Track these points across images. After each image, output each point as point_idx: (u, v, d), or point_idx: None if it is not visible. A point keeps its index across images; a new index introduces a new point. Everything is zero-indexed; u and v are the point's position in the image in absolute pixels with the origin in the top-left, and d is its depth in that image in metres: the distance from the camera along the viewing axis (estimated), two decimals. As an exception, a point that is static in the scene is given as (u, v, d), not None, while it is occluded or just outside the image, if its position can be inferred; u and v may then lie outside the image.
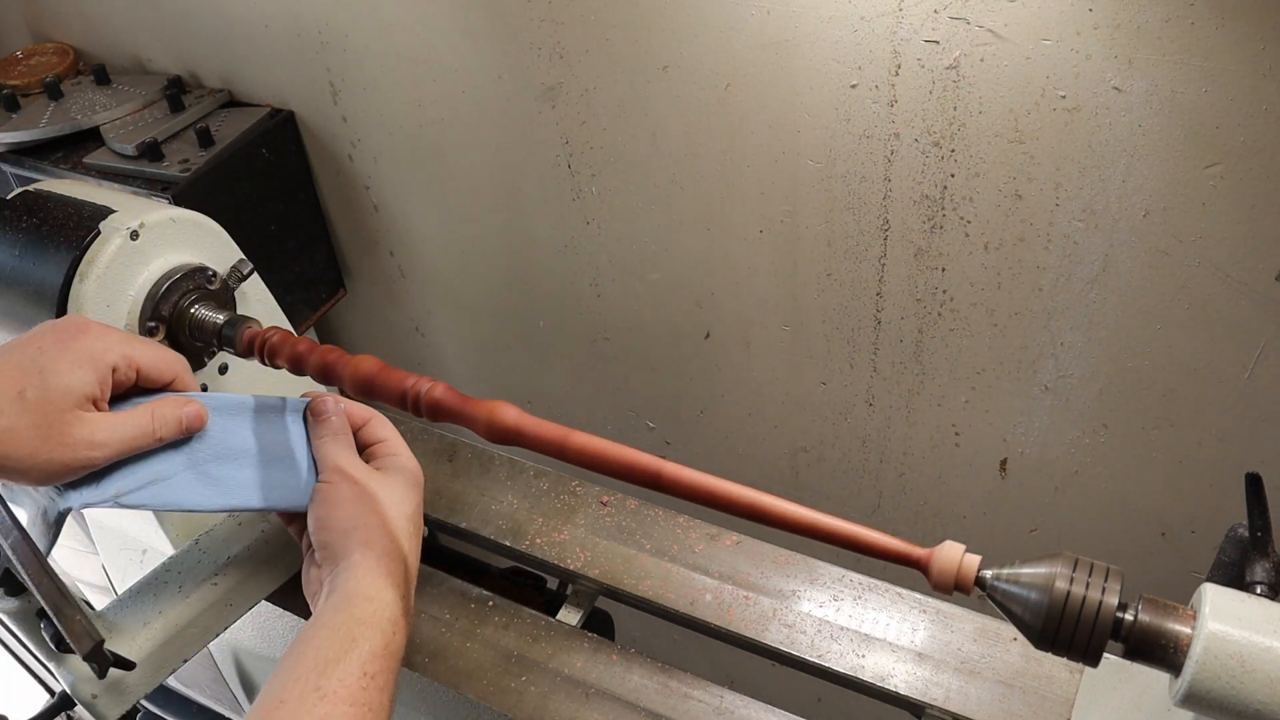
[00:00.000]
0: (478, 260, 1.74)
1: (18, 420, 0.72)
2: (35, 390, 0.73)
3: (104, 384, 0.77)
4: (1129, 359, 1.23)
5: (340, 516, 0.80)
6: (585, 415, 1.85)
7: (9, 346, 0.77)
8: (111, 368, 0.77)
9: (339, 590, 0.76)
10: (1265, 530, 0.69)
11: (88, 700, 0.87)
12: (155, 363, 0.81)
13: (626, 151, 1.42)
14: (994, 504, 1.49)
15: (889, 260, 1.31)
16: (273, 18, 1.61)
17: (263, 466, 0.85)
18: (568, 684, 0.98)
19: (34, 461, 0.73)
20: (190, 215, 0.97)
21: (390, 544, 0.80)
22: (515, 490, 1.17)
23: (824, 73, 1.19)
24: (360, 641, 0.72)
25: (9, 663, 2.27)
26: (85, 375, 0.75)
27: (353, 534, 0.79)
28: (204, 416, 0.83)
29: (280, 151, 1.72)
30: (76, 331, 0.77)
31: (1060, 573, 0.62)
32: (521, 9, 1.35)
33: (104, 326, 0.80)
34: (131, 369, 0.79)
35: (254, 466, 0.85)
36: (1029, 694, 0.92)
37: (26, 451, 0.72)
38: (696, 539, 1.09)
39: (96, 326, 0.79)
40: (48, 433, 0.73)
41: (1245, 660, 0.58)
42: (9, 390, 0.72)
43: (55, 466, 0.74)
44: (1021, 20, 1.05)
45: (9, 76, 1.81)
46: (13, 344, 0.77)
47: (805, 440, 1.60)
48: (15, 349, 0.76)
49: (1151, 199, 1.10)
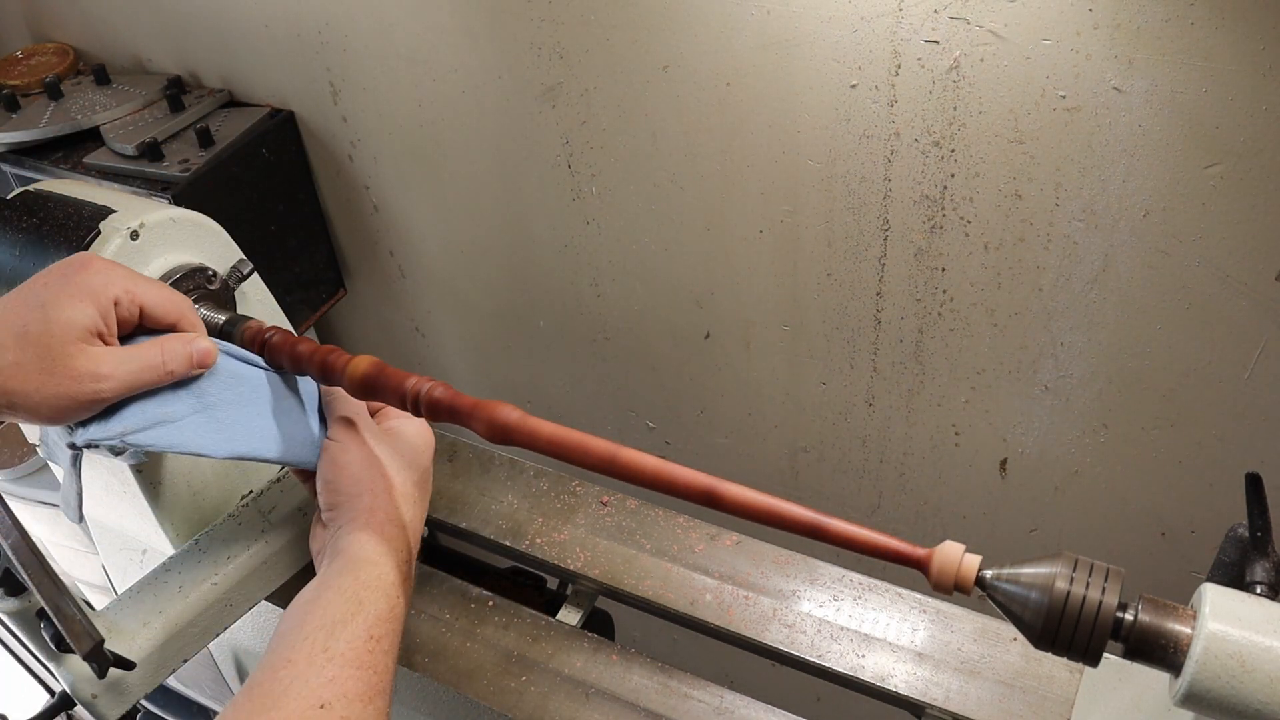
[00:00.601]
0: (478, 260, 1.74)
1: (22, 355, 0.73)
2: (37, 325, 0.73)
3: (107, 317, 0.77)
4: (1129, 359, 1.23)
5: (346, 479, 0.82)
6: (585, 415, 1.85)
7: (17, 289, 0.77)
8: (114, 300, 0.77)
9: (343, 554, 0.77)
10: (1265, 530, 0.69)
11: (88, 700, 0.87)
12: (160, 301, 0.80)
13: (626, 151, 1.42)
14: (994, 504, 1.49)
15: (889, 260, 1.31)
16: (273, 18, 1.61)
17: (275, 417, 0.85)
18: (568, 684, 0.98)
19: (41, 396, 0.73)
20: (190, 215, 0.97)
21: (393, 510, 0.81)
22: (515, 490, 1.17)
23: (824, 73, 1.19)
24: (366, 605, 0.73)
25: (9, 663, 2.27)
26: (86, 308, 0.75)
27: (357, 499, 0.80)
28: (214, 354, 0.82)
29: (280, 151, 1.72)
30: (79, 267, 0.77)
31: (1060, 573, 0.62)
32: (521, 9, 1.35)
33: (108, 262, 0.80)
34: (135, 304, 0.79)
35: (266, 416, 0.85)
36: (1029, 694, 0.92)
37: (33, 386, 0.73)
38: (696, 539, 1.09)
39: (100, 261, 0.79)
40: (52, 366, 0.73)
41: (1245, 660, 0.58)
42: (13, 327, 0.73)
43: (63, 401, 0.74)
44: (1021, 20, 1.05)
45: (9, 76, 1.81)
46: (21, 285, 0.77)
47: (805, 440, 1.60)
48: (22, 289, 0.77)
49: (1151, 199, 1.10)
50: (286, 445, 0.85)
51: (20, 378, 0.73)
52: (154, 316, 0.80)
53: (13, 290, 0.78)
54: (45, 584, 0.78)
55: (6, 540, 0.76)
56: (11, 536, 0.76)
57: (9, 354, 0.72)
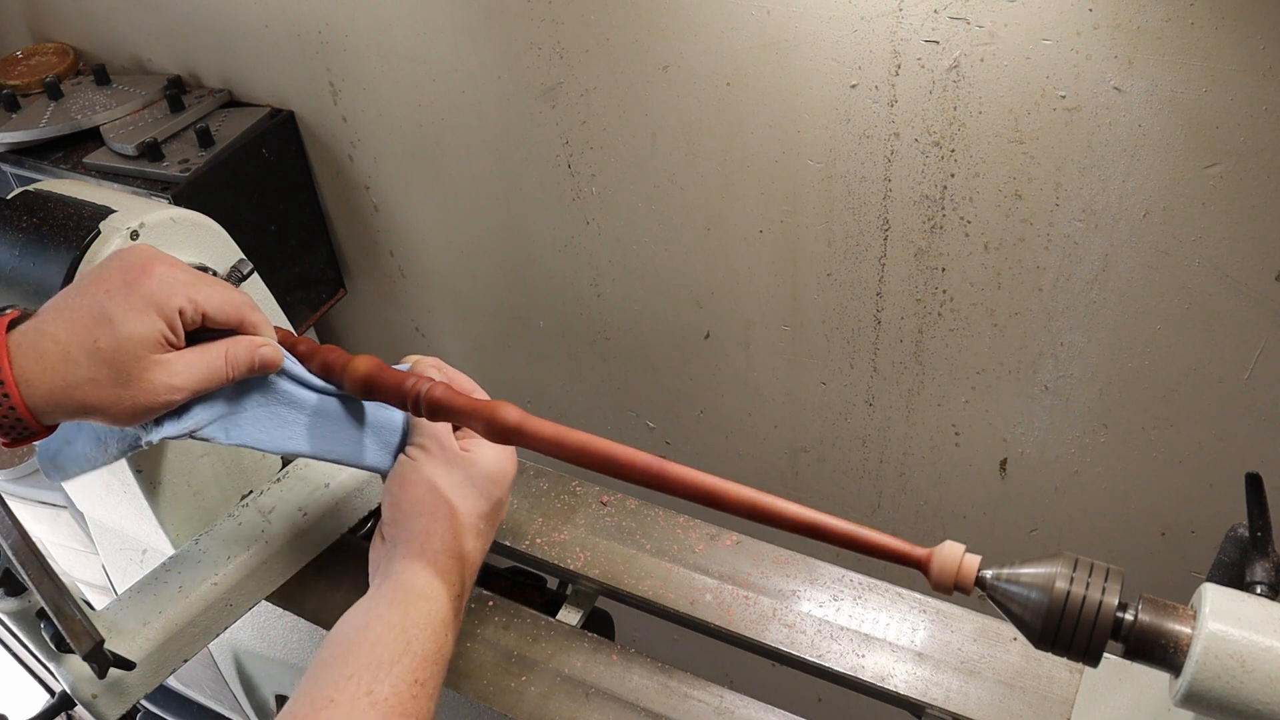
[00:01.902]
0: (478, 260, 1.74)
1: (96, 371, 0.73)
2: (108, 340, 0.74)
3: (173, 325, 0.77)
4: (1129, 359, 1.23)
5: (410, 499, 0.80)
6: (585, 415, 1.85)
7: (78, 289, 0.77)
8: (178, 310, 0.77)
9: (393, 580, 0.76)
10: (1265, 530, 0.69)
11: (88, 700, 0.87)
12: (221, 306, 0.80)
13: (626, 151, 1.42)
14: (994, 504, 1.49)
15: (889, 260, 1.31)
16: (273, 18, 1.61)
17: (337, 419, 0.85)
18: (568, 684, 0.98)
19: (120, 408, 0.74)
20: (190, 215, 0.97)
21: (452, 541, 0.80)
22: (515, 490, 1.17)
23: (824, 73, 1.19)
24: (414, 644, 0.72)
25: (9, 663, 2.27)
26: (154, 321, 0.75)
27: (416, 520, 0.79)
28: (277, 361, 0.82)
29: (280, 151, 1.72)
30: (140, 272, 0.77)
31: (1060, 573, 0.62)
32: (521, 9, 1.35)
33: (169, 265, 0.79)
34: (198, 312, 0.79)
35: (328, 418, 0.84)
36: (1029, 694, 0.92)
37: (111, 399, 0.74)
38: (696, 539, 1.09)
39: (161, 266, 0.78)
40: (127, 380, 0.74)
41: (1245, 660, 0.58)
42: (84, 342, 0.73)
43: (140, 409, 0.75)
44: (1021, 20, 1.05)
45: (9, 76, 1.81)
46: (81, 285, 0.77)
47: (805, 440, 1.60)
48: (84, 293, 0.76)
49: (1151, 199, 1.10)
50: (349, 447, 0.85)
51: (96, 393, 0.73)
52: (216, 320, 0.80)
53: (70, 288, 0.77)
54: (45, 584, 0.78)
55: (6, 540, 0.76)
56: (11, 536, 0.76)
57: (83, 369, 0.73)
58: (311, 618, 1.05)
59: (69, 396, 0.73)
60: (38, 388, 0.72)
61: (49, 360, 0.72)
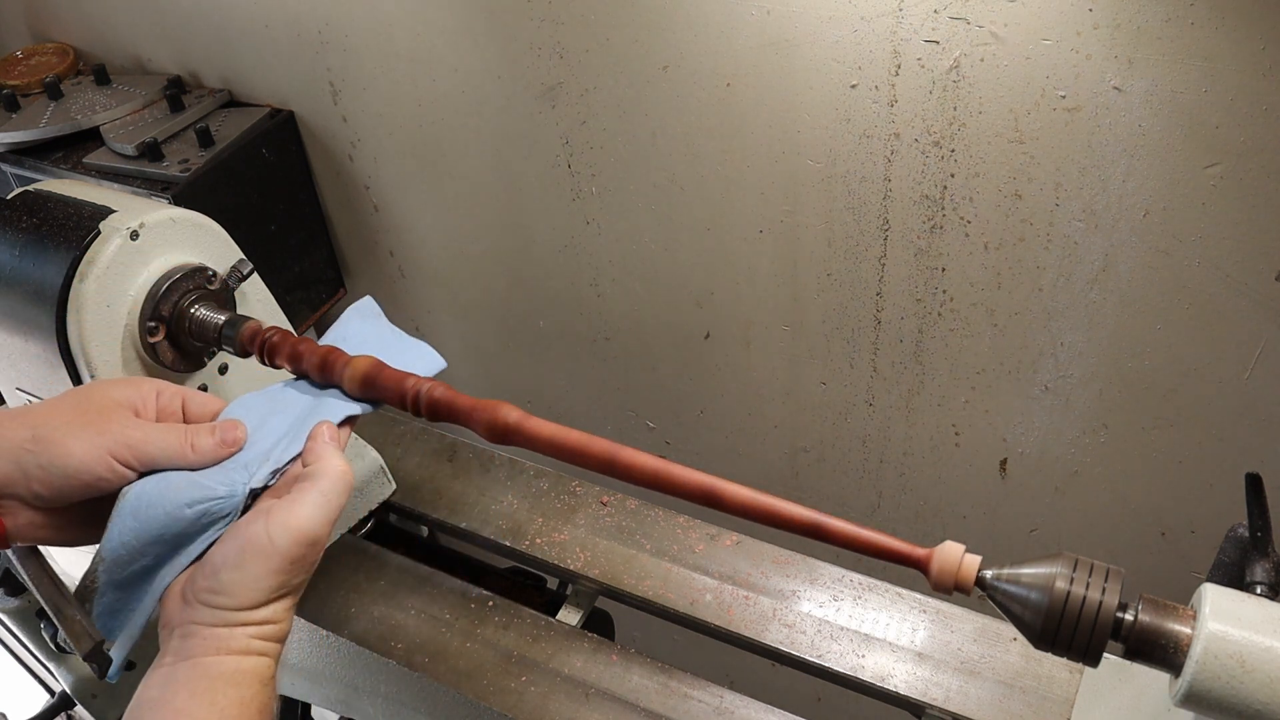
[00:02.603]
0: (478, 260, 1.74)
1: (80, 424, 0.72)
2: (87, 398, 0.74)
3: (147, 400, 0.76)
4: (1129, 359, 1.23)
5: (218, 555, 0.71)
6: (585, 415, 1.85)
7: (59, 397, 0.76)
8: (155, 391, 0.77)
9: (194, 659, 0.68)
10: (1265, 530, 0.69)
11: (88, 700, 0.87)
12: (202, 399, 0.80)
13: (626, 152, 1.42)
14: (994, 504, 1.49)
15: (889, 260, 1.31)
16: (273, 18, 1.61)
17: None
18: (568, 684, 0.98)
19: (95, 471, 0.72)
20: (190, 215, 0.97)
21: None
22: (515, 490, 1.17)
23: (824, 73, 1.19)
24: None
25: (9, 663, 2.27)
26: (129, 390, 0.76)
27: (216, 595, 0.69)
28: (240, 432, 0.78)
29: (280, 151, 1.72)
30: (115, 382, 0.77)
31: (1060, 573, 0.62)
32: (521, 9, 1.35)
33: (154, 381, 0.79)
34: (176, 397, 0.78)
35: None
36: (1029, 694, 0.92)
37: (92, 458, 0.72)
38: (696, 539, 1.09)
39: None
40: (102, 427, 0.73)
41: (1245, 660, 0.58)
42: (64, 411, 0.73)
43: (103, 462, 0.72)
44: (1021, 20, 1.05)
45: (9, 76, 1.81)
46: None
47: (805, 440, 1.60)
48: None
49: (1151, 199, 1.10)
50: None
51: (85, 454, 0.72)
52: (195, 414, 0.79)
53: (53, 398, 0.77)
54: (45, 584, 0.78)
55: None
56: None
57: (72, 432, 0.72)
58: (311, 618, 1.06)
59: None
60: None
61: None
